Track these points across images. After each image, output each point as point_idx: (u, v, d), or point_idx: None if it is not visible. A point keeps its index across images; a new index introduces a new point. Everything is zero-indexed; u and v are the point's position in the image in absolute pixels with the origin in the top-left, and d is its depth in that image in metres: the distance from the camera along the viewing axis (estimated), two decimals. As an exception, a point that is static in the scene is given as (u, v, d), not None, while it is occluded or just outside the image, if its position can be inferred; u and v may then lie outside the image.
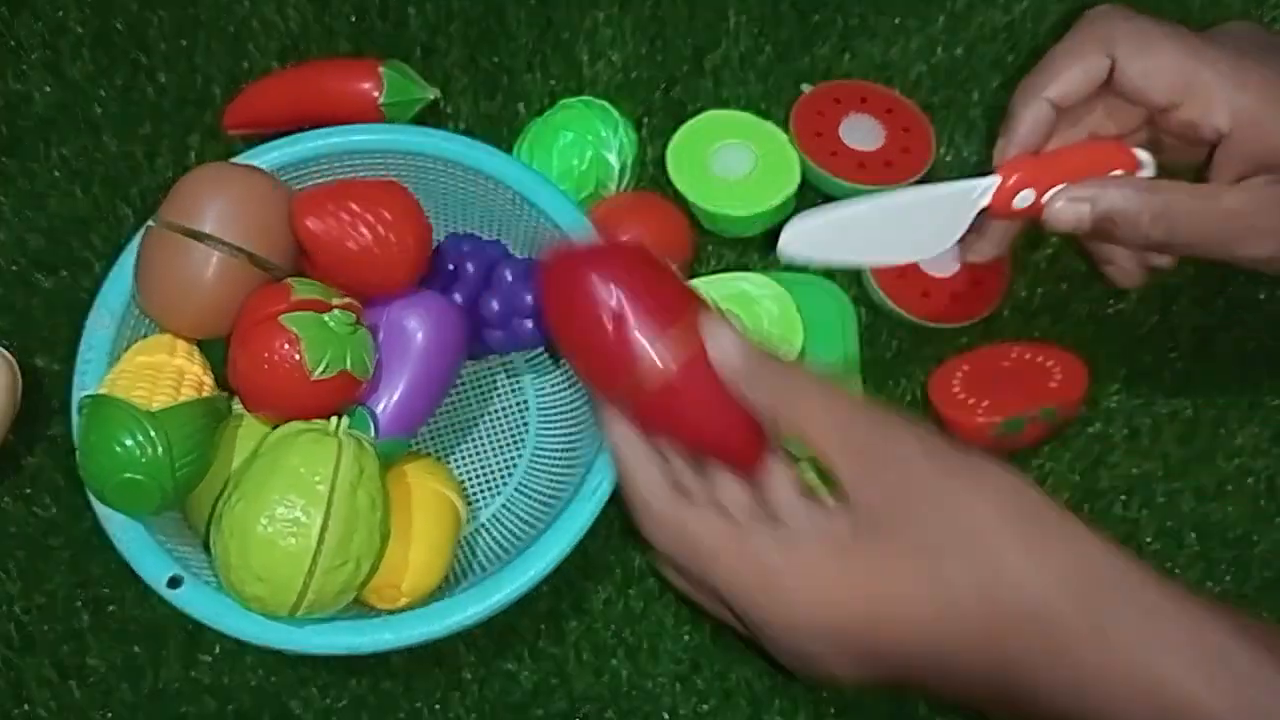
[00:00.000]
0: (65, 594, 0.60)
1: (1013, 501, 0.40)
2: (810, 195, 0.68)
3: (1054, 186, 0.50)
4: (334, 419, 0.51)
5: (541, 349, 0.64)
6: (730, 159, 0.66)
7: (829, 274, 0.66)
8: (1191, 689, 0.37)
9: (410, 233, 0.55)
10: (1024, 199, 0.50)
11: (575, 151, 0.65)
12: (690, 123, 0.68)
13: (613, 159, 0.65)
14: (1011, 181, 0.50)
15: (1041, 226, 0.51)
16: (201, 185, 0.54)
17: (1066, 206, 0.48)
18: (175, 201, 0.54)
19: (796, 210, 0.66)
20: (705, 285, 0.63)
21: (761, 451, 0.45)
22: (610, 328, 0.45)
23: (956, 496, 0.40)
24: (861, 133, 0.68)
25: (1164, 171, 0.51)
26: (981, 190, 0.51)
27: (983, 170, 0.52)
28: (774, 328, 0.62)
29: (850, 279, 0.67)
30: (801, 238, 0.51)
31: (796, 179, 0.65)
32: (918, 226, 0.51)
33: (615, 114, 0.66)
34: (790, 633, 0.42)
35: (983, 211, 0.51)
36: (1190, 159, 0.49)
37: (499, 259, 0.61)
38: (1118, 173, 0.50)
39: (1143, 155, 0.50)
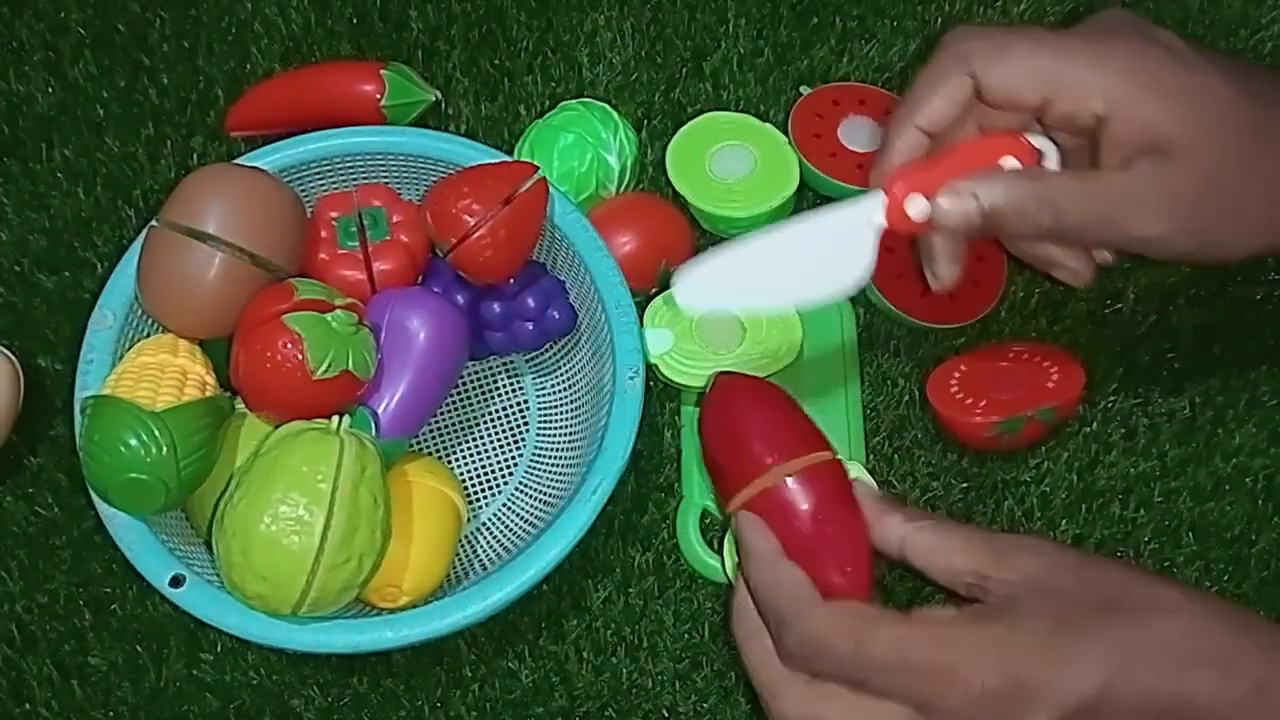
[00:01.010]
0: (67, 593, 0.60)
1: (1163, 575, 0.46)
2: (809, 197, 0.68)
3: (937, 183, 0.48)
4: (335, 418, 0.52)
5: (542, 350, 0.64)
6: (729, 160, 0.67)
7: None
8: None
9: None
10: (919, 208, 0.48)
11: (575, 153, 0.65)
12: (689, 124, 0.68)
13: (613, 160, 0.65)
14: (896, 190, 0.48)
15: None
16: (204, 185, 0.54)
17: (952, 204, 0.47)
18: (178, 202, 0.54)
19: (795, 210, 0.67)
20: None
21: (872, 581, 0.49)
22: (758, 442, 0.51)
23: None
24: (860, 134, 0.68)
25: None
26: (871, 209, 0.49)
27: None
28: (773, 327, 0.62)
29: (849, 280, 0.67)
30: (695, 285, 0.49)
31: (795, 180, 0.66)
32: (820, 258, 0.49)
33: (615, 116, 0.66)
34: None
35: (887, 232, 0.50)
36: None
37: (500, 260, 0.61)
38: (1011, 161, 0.48)
39: (1039, 142, 0.48)
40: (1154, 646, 0.42)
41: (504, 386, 0.65)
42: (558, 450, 0.61)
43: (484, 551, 0.60)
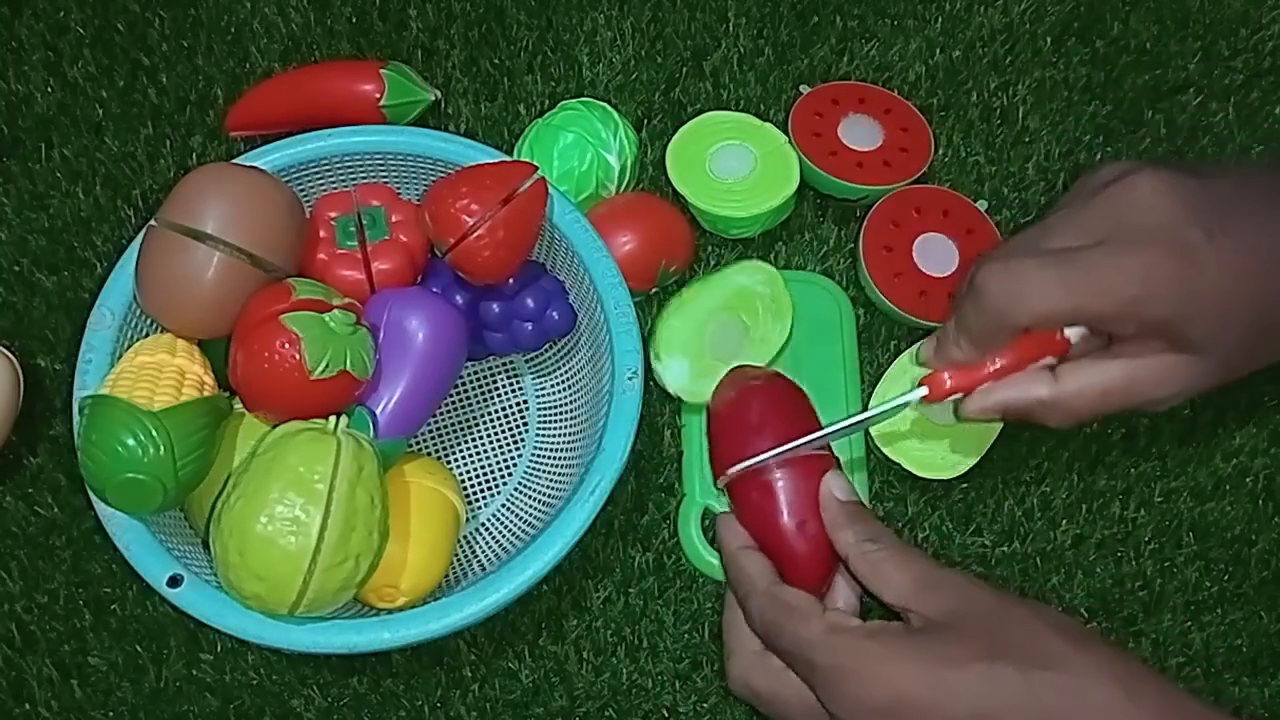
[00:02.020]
0: (66, 593, 0.60)
1: (1073, 627, 0.48)
2: (809, 195, 0.68)
3: (979, 386, 0.52)
4: (333, 418, 0.52)
5: (541, 350, 0.64)
6: (729, 160, 0.67)
7: (828, 273, 0.66)
8: None
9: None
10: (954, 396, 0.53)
11: (575, 152, 0.65)
12: (689, 124, 0.68)
13: (613, 160, 0.65)
14: (946, 388, 0.52)
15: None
16: (203, 185, 0.54)
17: (976, 410, 0.52)
18: (177, 201, 0.54)
19: (795, 209, 0.67)
20: (703, 293, 0.64)
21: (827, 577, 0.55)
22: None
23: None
24: (860, 133, 0.68)
25: None
26: (915, 401, 0.53)
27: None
28: (767, 313, 0.63)
29: (849, 279, 0.67)
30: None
31: (795, 180, 0.66)
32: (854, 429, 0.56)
33: (615, 115, 0.66)
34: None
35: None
36: None
37: (499, 260, 0.61)
38: (1045, 360, 0.51)
39: (1070, 331, 0.50)
40: (1027, 698, 0.45)
41: (503, 387, 0.65)
42: (557, 450, 0.61)
43: (483, 552, 0.60)
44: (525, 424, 0.64)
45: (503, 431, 0.64)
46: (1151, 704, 0.45)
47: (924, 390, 0.52)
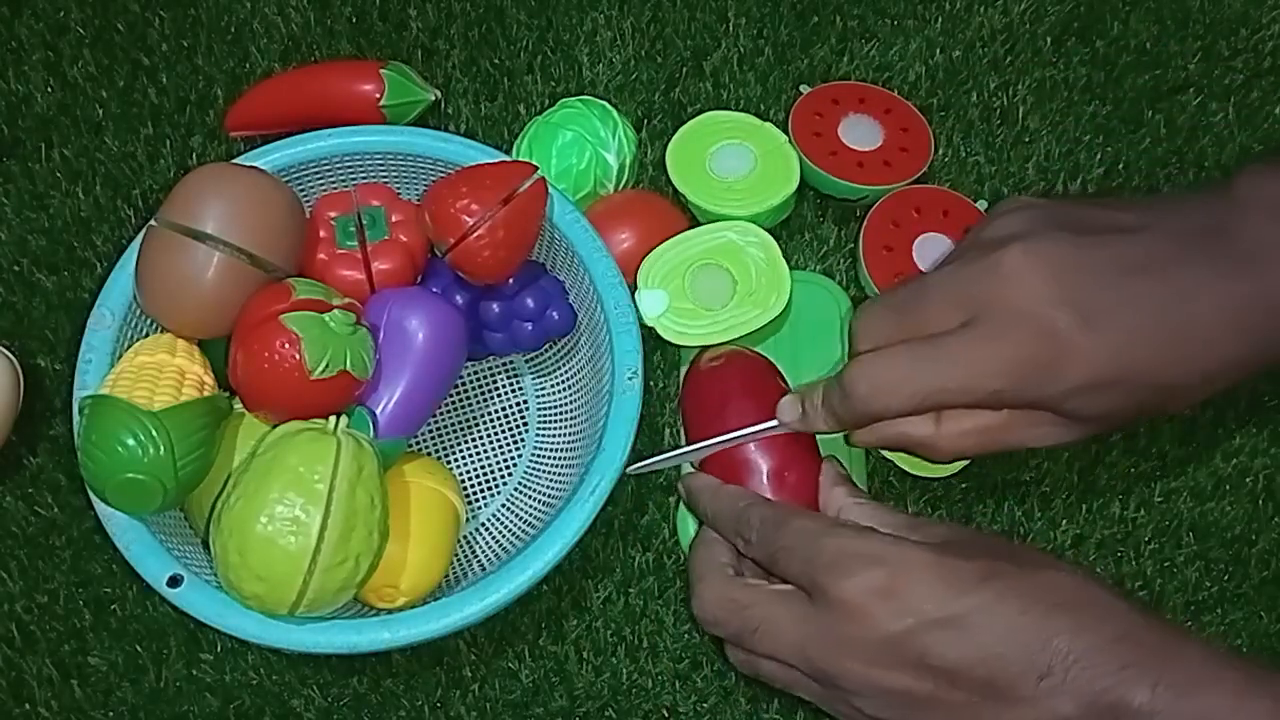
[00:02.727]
0: (66, 593, 0.60)
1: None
2: (809, 195, 0.68)
3: None
4: (332, 418, 0.52)
5: (541, 350, 0.64)
6: (730, 159, 0.67)
7: (828, 273, 0.66)
8: None
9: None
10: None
11: (574, 150, 0.65)
12: (689, 124, 0.68)
13: (611, 158, 0.65)
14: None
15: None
16: (203, 185, 0.54)
17: (862, 444, 0.53)
18: (177, 201, 0.54)
19: (795, 209, 0.67)
20: (691, 238, 0.64)
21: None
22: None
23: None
24: (860, 133, 0.68)
25: None
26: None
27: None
28: (762, 276, 0.62)
29: (849, 279, 0.67)
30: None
31: (796, 179, 0.66)
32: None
33: (614, 114, 0.66)
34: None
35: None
36: None
37: (499, 260, 0.61)
38: None
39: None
40: (1027, 587, 0.45)
41: (503, 387, 0.65)
42: (557, 450, 0.61)
43: (483, 552, 0.60)
44: (525, 424, 0.64)
45: (503, 431, 0.64)
46: (1140, 607, 0.46)
47: (775, 424, 0.55)
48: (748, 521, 0.52)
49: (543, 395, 0.64)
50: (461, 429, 0.64)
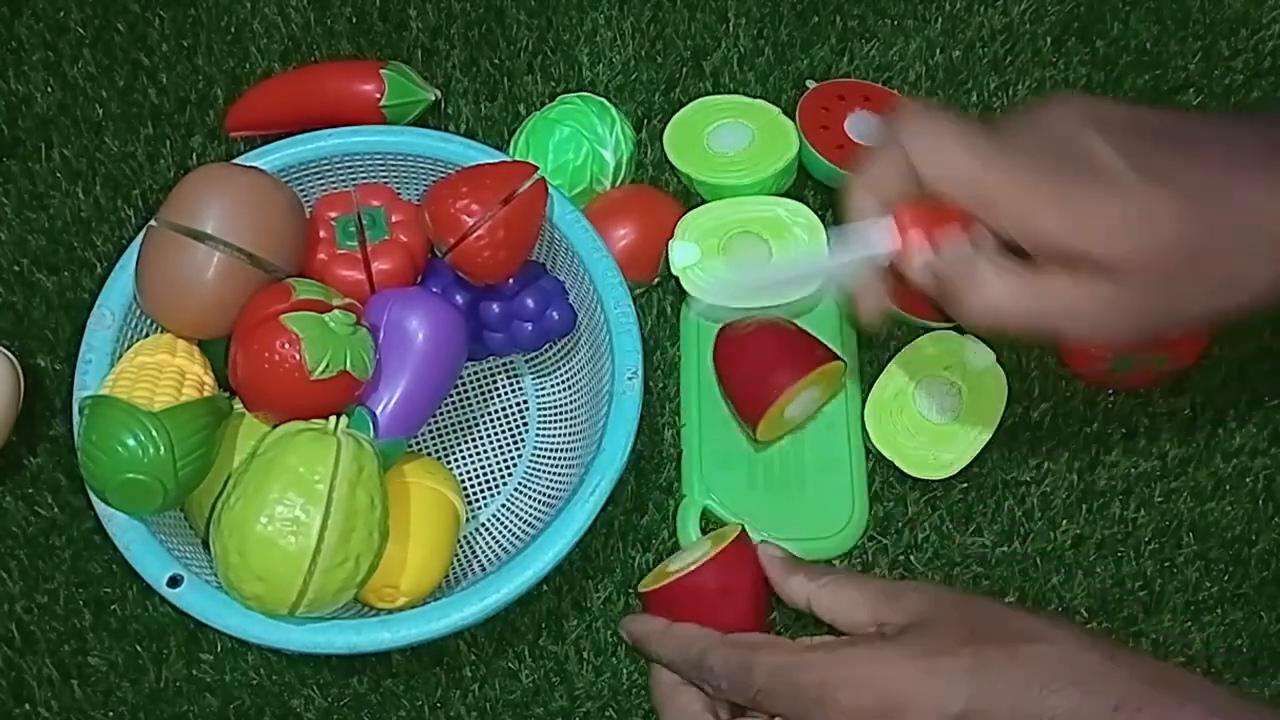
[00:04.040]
0: (67, 593, 0.60)
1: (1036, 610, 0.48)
2: (812, 191, 0.69)
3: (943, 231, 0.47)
4: (332, 418, 0.52)
5: (541, 351, 0.64)
6: (727, 136, 0.67)
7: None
8: None
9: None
10: (922, 251, 0.47)
11: (570, 147, 0.65)
12: (684, 110, 0.69)
13: (608, 155, 0.65)
14: (907, 222, 0.47)
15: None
16: (203, 185, 0.54)
17: (918, 268, 0.47)
18: (177, 201, 0.54)
19: (794, 186, 0.68)
20: (740, 205, 0.64)
21: None
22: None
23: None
24: (866, 128, 0.68)
25: None
26: (881, 233, 0.48)
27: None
28: (798, 251, 0.63)
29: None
30: (713, 289, 0.55)
31: (795, 145, 0.66)
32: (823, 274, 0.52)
33: (612, 110, 0.66)
34: None
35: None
36: None
37: (500, 261, 0.61)
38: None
39: None
40: (1018, 669, 0.45)
41: (503, 387, 0.65)
42: (557, 451, 0.61)
43: (483, 552, 0.60)
44: (525, 424, 0.64)
45: (503, 431, 0.64)
46: (1128, 665, 0.45)
47: (889, 220, 0.47)
48: (711, 669, 0.50)
49: (543, 395, 0.64)
50: (461, 429, 0.64)
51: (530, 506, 0.60)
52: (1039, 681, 0.44)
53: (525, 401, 0.64)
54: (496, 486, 0.62)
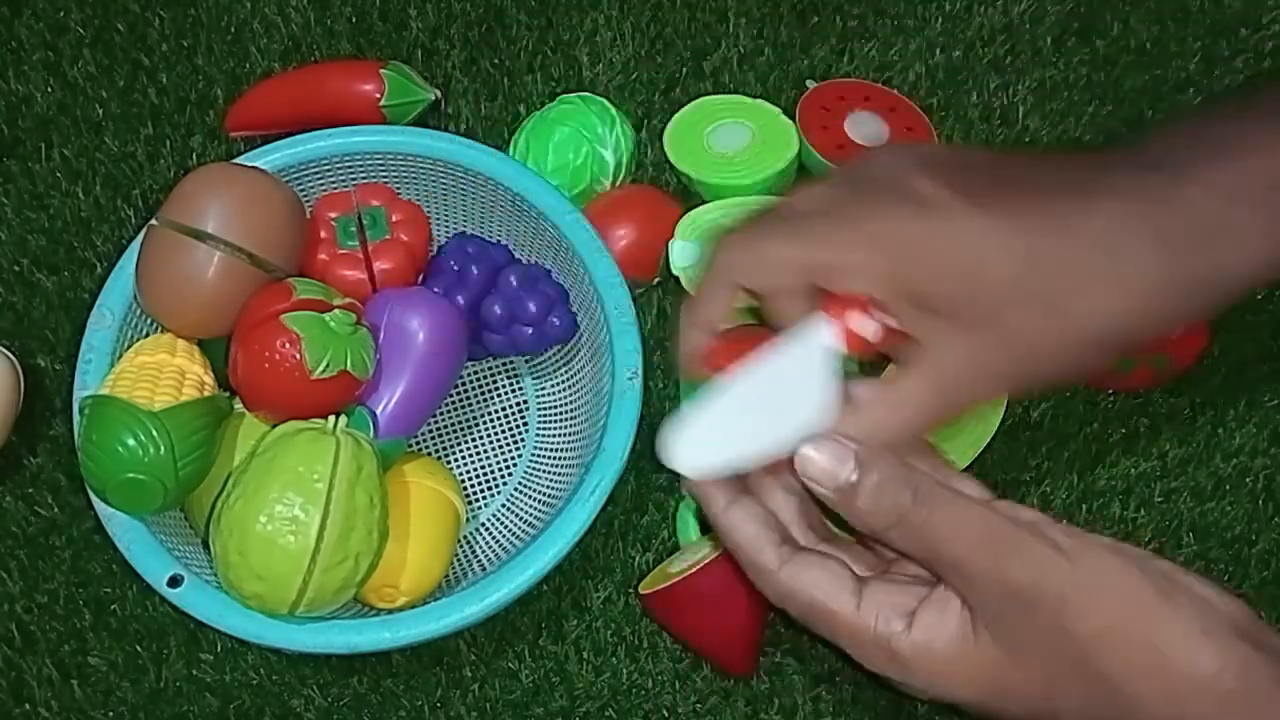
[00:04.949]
0: (67, 593, 0.60)
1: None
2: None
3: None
4: (332, 418, 0.52)
5: (540, 353, 0.64)
6: (727, 136, 0.68)
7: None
8: None
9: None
10: (863, 326, 0.43)
11: (571, 146, 0.65)
12: (684, 110, 0.69)
13: (608, 155, 0.65)
14: (833, 310, 0.43)
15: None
16: (204, 185, 0.54)
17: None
18: (178, 201, 0.54)
19: (796, 180, 0.68)
20: (740, 204, 0.64)
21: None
22: None
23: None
24: (866, 129, 0.68)
25: None
26: (820, 333, 0.43)
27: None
28: None
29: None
30: (686, 447, 0.44)
31: (795, 145, 0.66)
32: (795, 395, 0.44)
33: (612, 111, 0.66)
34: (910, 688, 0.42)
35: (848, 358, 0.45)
36: None
37: (504, 264, 0.61)
38: None
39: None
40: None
41: (503, 387, 0.65)
42: (557, 451, 0.61)
43: (483, 552, 0.60)
44: (525, 424, 0.64)
45: (503, 432, 0.64)
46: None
47: (822, 319, 0.43)
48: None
49: (543, 395, 0.64)
50: (461, 429, 0.64)
51: (530, 506, 0.60)
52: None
53: (525, 402, 0.64)
54: (496, 486, 0.62)
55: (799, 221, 0.43)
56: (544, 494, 0.60)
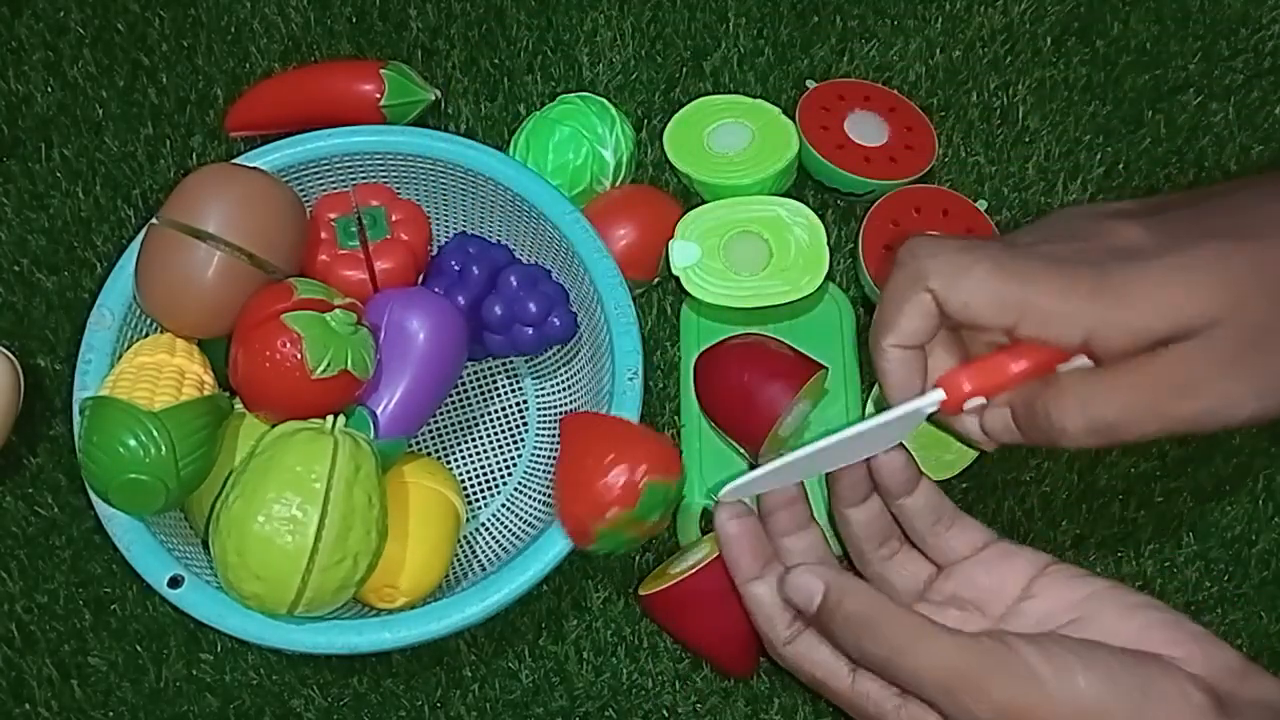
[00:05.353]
0: (67, 593, 0.60)
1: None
2: (810, 192, 0.69)
3: (1001, 389, 0.46)
4: (330, 417, 0.52)
5: (540, 354, 0.64)
6: (727, 136, 0.67)
7: (829, 275, 0.66)
8: None
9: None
10: (975, 404, 0.46)
11: (571, 146, 0.65)
12: (684, 110, 0.69)
13: (608, 155, 0.65)
14: (965, 391, 0.46)
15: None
16: (205, 185, 0.54)
17: (995, 419, 0.47)
18: (178, 200, 0.54)
19: (794, 186, 0.68)
20: (740, 204, 0.64)
21: None
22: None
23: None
24: (866, 129, 0.68)
25: None
26: (928, 406, 0.47)
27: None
28: (800, 256, 0.62)
29: (849, 279, 0.67)
30: (741, 491, 0.50)
31: (795, 145, 0.66)
32: (862, 444, 0.49)
33: (612, 110, 0.66)
34: None
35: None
36: None
37: (505, 264, 0.61)
38: (1066, 365, 0.44)
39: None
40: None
41: (503, 387, 0.65)
42: (557, 451, 0.61)
43: (483, 552, 0.60)
44: (525, 424, 0.64)
45: (503, 432, 0.64)
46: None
47: (940, 394, 0.46)
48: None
49: (543, 396, 0.64)
50: (461, 429, 0.64)
51: (530, 506, 0.60)
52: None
53: (525, 402, 0.64)
54: (496, 486, 0.62)
55: (1005, 255, 0.44)
56: (544, 494, 0.60)
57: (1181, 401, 0.42)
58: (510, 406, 0.64)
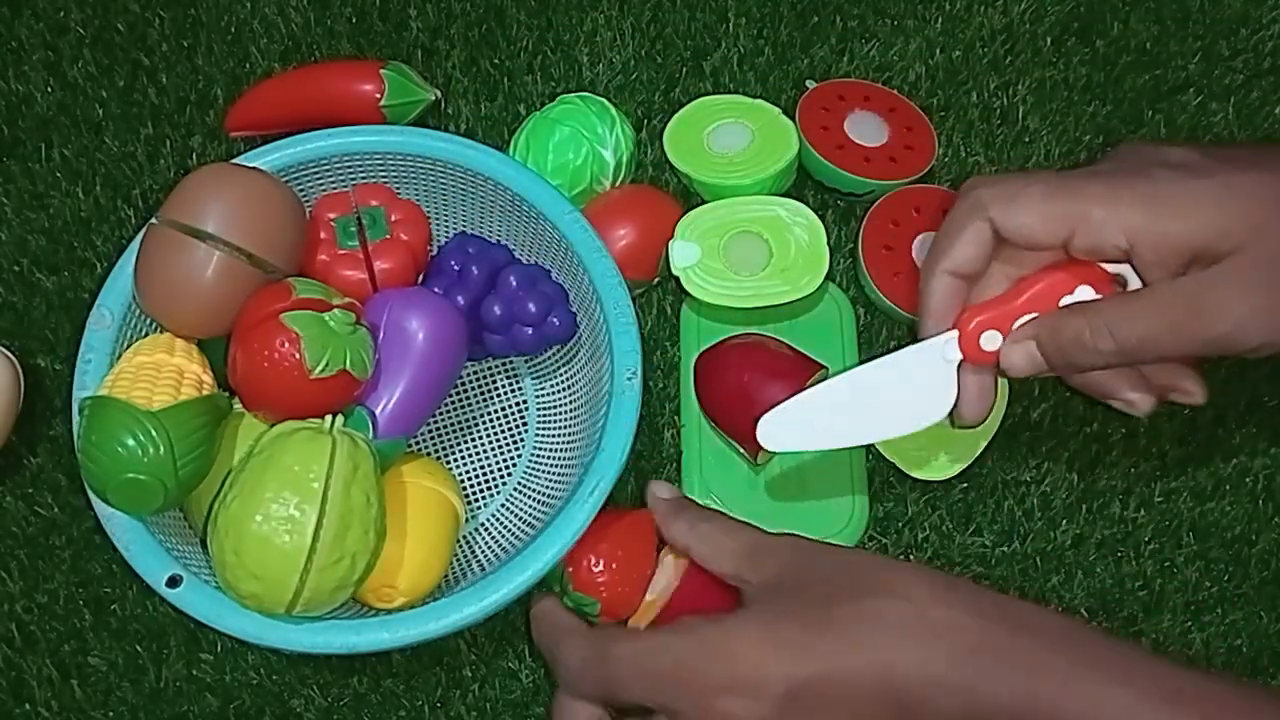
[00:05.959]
0: (67, 593, 0.60)
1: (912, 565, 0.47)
2: (810, 192, 0.68)
3: (1018, 320, 0.49)
4: (328, 417, 0.52)
5: (540, 354, 0.64)
6: (727, 136, 0.67)
7: (829, 275, 0.66)
8: None
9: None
10: (991, 341, 0.50)
11: (571, 146, 0.65)
12: (683, 110, 0.69)
13: (608, 155, 0.65)
14: (972, 327, 0.49)
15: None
16: (205, 185, 0.54)
17: (1016, 352, 0.49)
18: (178, 200, 0.54)
19: (794, 186, 0.68)
20: (740, 204, 0.64)
21: None
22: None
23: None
24: (866, 129, 0.68)
25: None
26: (944, 344, 0.50)
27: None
28: (800, 256, 0.62)
29: (848, 279, 0.67)
30: (780, 427, 0.52)
31: (795, 145, 0.66)
32: (900, 395, 0.51)
33: (612, 110, 0.66)
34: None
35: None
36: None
37: (505, 264, 0.61)
38: (1086, 290, 0.48)
39: (1114, 268, 0.48)
40: (866, 625, 0.44)
41: (503, 387, 0.65)
42: (556, 451, 0.61)
43: (482, 552, 0.60)
44: (525, 424, 0.64)
45: (502, 432, 0.64)
46: (988, 615, 0.44)
47: (954, 332, 0.49)
48: (565, 663, 0.50)
49: (542, 395, 0.64)
50: (461, 429, 0.64)
51: (530, 506, 0.60)
52: (886, 637, 0.44)
53: (525, 402, 0.64)
54: (496, 486, 0.62)
55: (1057, 177, 0.47)
56: (543, 494, 0.60)
57: (1201, 323, 0.45)
58: (510, 406, 0.64)
